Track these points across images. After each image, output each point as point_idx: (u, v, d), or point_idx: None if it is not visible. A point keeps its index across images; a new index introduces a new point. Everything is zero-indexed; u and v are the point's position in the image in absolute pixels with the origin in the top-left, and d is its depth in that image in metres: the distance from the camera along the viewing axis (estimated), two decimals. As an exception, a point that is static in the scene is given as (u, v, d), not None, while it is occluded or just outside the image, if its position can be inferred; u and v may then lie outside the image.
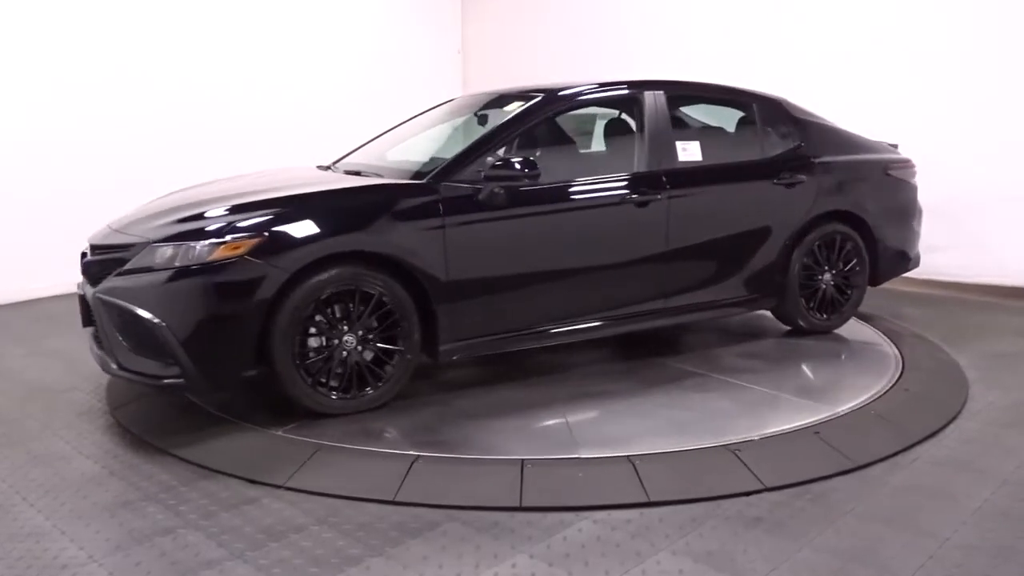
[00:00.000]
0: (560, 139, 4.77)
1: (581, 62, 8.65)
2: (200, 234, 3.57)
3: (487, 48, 9.94)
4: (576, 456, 3.36)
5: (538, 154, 4.50)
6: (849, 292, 5.14)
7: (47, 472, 3.39)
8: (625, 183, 4.39)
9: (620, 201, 4.33)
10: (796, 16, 7.23)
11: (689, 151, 4.59)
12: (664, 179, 4.42)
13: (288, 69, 8.40)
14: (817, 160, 4.92)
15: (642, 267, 4.44)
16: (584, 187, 4.34)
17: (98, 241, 4.02)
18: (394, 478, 3.18)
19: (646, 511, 2.98)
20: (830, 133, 5.15)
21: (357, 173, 4.42)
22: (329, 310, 3.70)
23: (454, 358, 4.07)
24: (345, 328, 3.73)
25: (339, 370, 3.76)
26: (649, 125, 4.52)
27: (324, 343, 3.72)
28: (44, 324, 5.94)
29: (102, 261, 3.83)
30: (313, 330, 3.69)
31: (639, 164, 4.47)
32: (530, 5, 9.44)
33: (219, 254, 3.48)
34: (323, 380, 3.73)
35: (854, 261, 5.10)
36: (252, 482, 3.24)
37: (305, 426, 3.68)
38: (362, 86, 9.03)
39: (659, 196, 4.38)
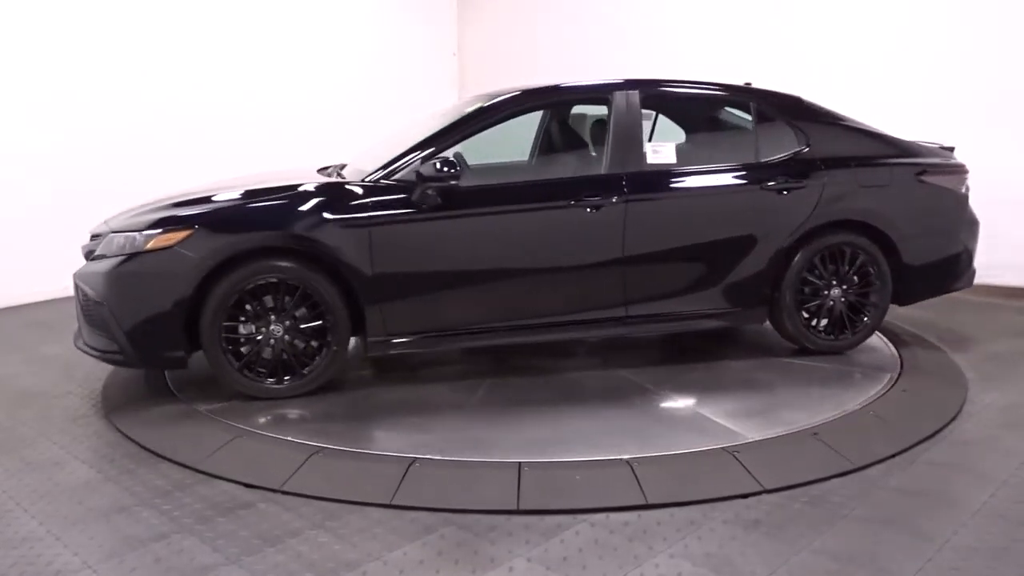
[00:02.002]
0: (520, 140, 4.77)
1: (580, 62, 8.65)
2: (144, 225, 3.96)
3: (483, 50, 9.94)
4: (570, 459, 3.35)
5: (485, 155, 4.63)
6: (867, 311, 4.65)
7: (41, 478, 3.37)
8: (577, 186, 4.26)
9: (567, 205, 4.18)
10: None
11: (661, 154, 4.38)
12: (624, 183, 4.26)
13: (286, 72, 8.40)
14: (823, 164, 4.51)
15: (593, 273, 4.27)
16: (527, 189, 4.34)
17: (92, 231, 4.38)
18: (391, 482, 3.17)
19: (644, 513, 2.97)
20: (849, 134, 4.66)
21: (328, 173, 4.53)
22: (256, 301, 3.97)
23: (389, 352, 4.19)
24: (272, 318, 3.99)
25: (267, 356, 4.03)
26: (615, 127, 4.35)
27: (254, 331, 3.99)
28: (39, 329, 5.92)
29: (91, 249, 4.19)
30: (242, 318, 3.98)
31: (603, 167, 4.33)
32: (526, 6, 9.45)
33: (154, 244, 3.87)
34: (251, 365, 4.02)
35: (870, 277, 4.60)
36: (248, 486, 3.22)
37: (230, 410, 3.95)
38: (359, 88, 9.04)
39: (613, 200, 4.20)
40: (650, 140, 4.86)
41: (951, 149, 4.94)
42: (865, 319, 4.66)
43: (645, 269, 4.33)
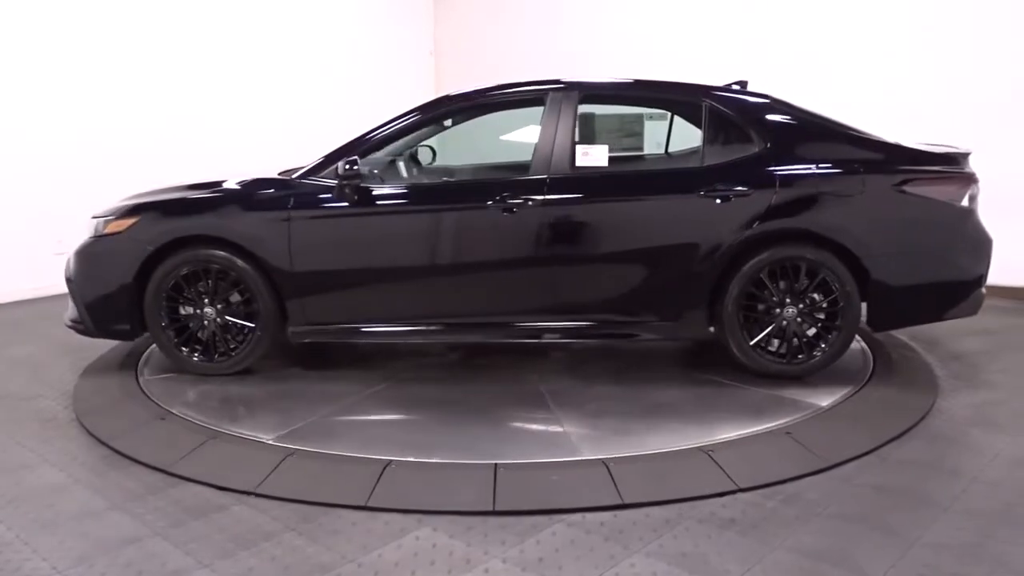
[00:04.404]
0: (448, 142, 4.93)
1: (557, 61, 8.64)
2: (109, 213, 4.43)
3: (459, 48, 9.93)
4: (551, 460, 3.35)
5: (413, 156, 4.95)
6: (829, 334, 4.17)
7: (10, 481, 3.32)
8: (493, 188, 4.21)
9: (478, 206, 4.16)
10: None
11: (591, 156, 4.19)
12: (545, 186, 4.13)
13: (261, 71, 8.34)
14: (777, 170, 4.09)
15: (508, 277, 4.21)
16: (442, 190, 4.55)
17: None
18: (366, 483, 3.15)
19: (620, 513, 2.97)
20: (821, 139, 4.18)
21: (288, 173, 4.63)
22: (191, 287, 4.36)
23: (305, 340, 4.41)
24: (206, 302, 4.39)
25: (202, 337, 4.45)
26: (545, 128, 4.24)
27: (193, 312, 4.42)
28: (9, 330, 5.82)
29: None
30: (181, 300, 4.40)
31: (530, 169, 4.21)
32: (502, 5, 9.44)
33: (110, 229, 4.37)
34: (187, 342, 4.44)
35: (833, 296, 4.12)
36: (221, 489, 3.19)
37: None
38: (335, 87, 8.99)
39: (528, 204, 4.10)
40: (667, 146, 4.88)
41: (966, 155, 4.27)
42: (822, 344, 4.19)
43: (565, 275, 4.19)
